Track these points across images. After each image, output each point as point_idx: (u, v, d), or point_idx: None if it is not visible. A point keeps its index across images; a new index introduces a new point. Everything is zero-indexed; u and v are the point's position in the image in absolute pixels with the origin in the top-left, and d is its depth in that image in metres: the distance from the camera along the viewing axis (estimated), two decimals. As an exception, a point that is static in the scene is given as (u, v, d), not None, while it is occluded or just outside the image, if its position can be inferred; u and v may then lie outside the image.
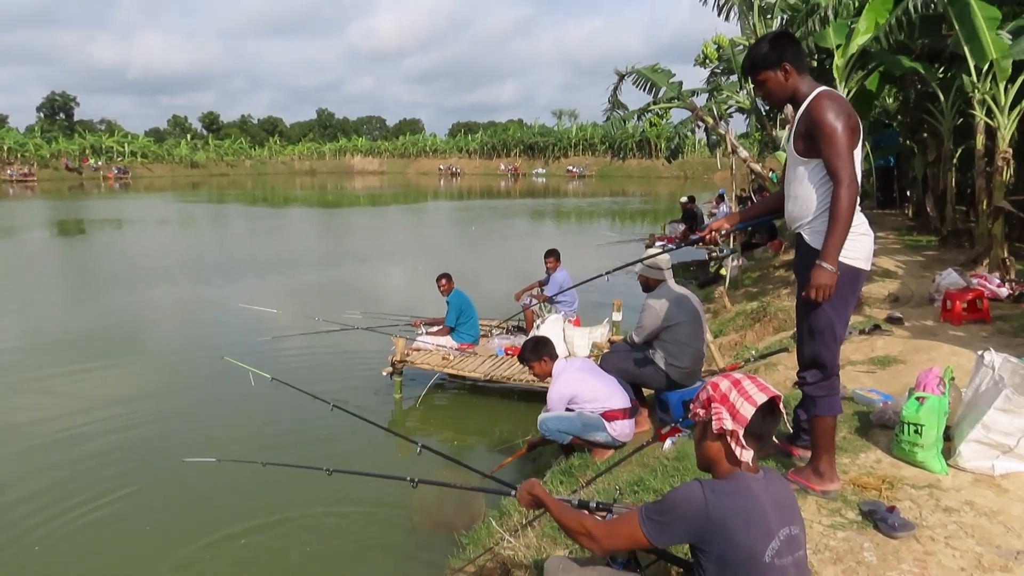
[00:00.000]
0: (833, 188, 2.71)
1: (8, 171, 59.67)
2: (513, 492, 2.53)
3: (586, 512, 2.38)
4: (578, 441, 4.69)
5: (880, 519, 2.71)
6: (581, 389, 4.66)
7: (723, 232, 3.50)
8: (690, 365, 4.92)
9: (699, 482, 1.93)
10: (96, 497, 5.36)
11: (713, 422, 1.97)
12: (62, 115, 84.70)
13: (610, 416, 4.62)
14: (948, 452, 3.20)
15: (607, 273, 4.78)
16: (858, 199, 2.86)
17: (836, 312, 2.87)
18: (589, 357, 6.94)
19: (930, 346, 5.00)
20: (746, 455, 1.94)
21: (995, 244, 7.19)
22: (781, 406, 1.98)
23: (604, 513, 2.44)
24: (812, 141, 2.77)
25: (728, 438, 1.95)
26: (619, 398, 4.71)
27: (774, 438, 3.74)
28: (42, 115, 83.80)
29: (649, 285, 5.09)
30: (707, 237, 3.50)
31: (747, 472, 1.94)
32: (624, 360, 5.02)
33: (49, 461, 6.04)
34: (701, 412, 2.04)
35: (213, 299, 12.77)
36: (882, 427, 3.62)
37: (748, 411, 1.92)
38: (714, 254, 12.38)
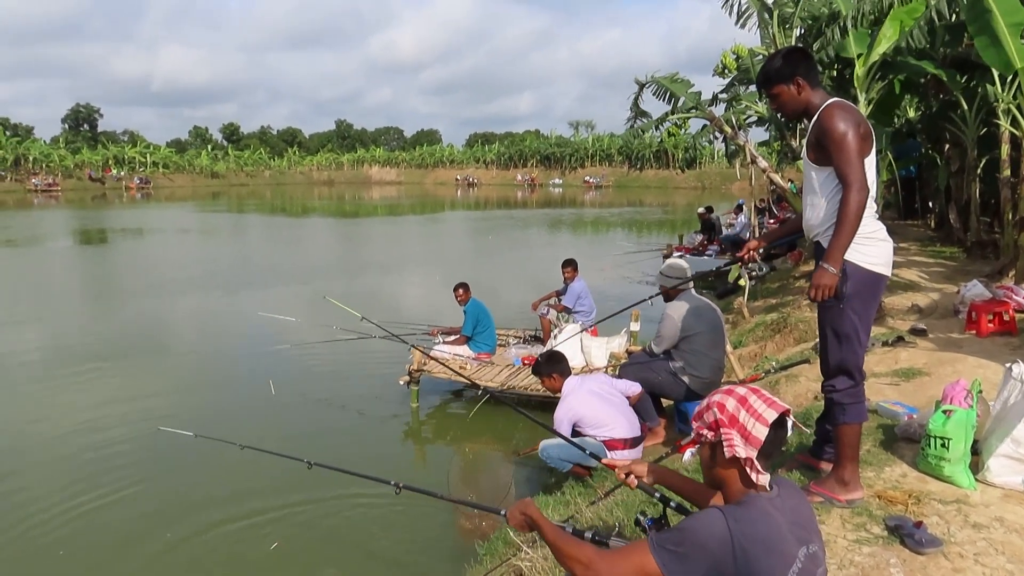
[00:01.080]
0: (842, 192, 2.76)
1: (33, 181, 60.74)
2: (503, 512, 2.33)
3: (584, 540, 2.21)
4: (579, 469, 4.64)
5: (907, 535, 2.65)
6: (587, 412, 4.58)
7: (760, 251, 3.56)
8: (709, 375, 4.88)
9: (720, 510, 1.78)
10: (104, 492, 5.53)
11: (725, 449, 1.84)
12: (86, 126, 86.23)
13: (611, 445, 4.54)
14: (976, 467, 3.13)
15: (651, 298, 4.82)
16: (878, 208, 2.87)
17: (859, 316, 2.88)
18: (607, 368, 6.91)
19: (955, 358, 4.91)
20: (763, 479, 1.82)
21: (1021, 255, 7.06)
22: (791, 418, 1.87)
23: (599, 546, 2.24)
24: (823, 149, 2.83)
25: (742, 463, 1.83)
26: (624, 427, 4.60)
27: (797, 452, 3.69)
28: (67, 126, 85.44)
29: (669, 295, 5.07)
30: (745, 257, 3.53)
31: (761, 492, 1.83)
32: (642, 370, 4.99)
33: (63, 456, 6.26)
34: (709, 434, 1.90)
35: (233, 307, 12.87)
36: (907, 440, 3.55)
37: (761, 432, 1.80)
38: (753, 273, 12.17)
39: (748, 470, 1.82)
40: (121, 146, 77.31)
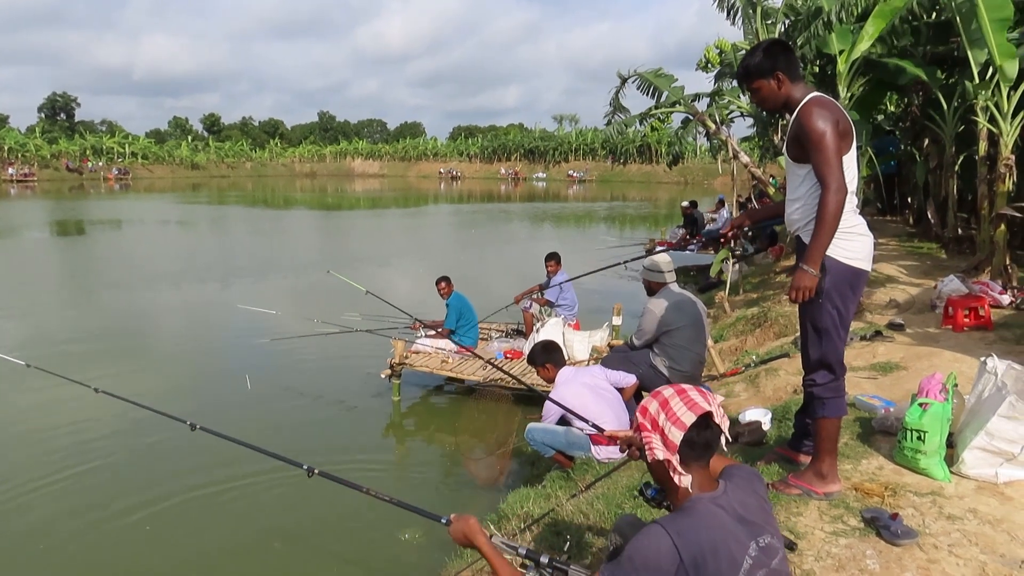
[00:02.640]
0: (820, 192, 2.75)
1: (9, 171, 59.67)
2: (444, 520, 2.22)
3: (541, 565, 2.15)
4: (560, 458, 4.63)
5: (883, 526, 2.68)
6: (577, 404, 4.53)
7: (745, 228, 3.56)
8: (690, 369, 4.89)
9: (660, 526, 1.76)
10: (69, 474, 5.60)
11: (646, 452, 1.87)
12: (63, 115, 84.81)
13: (596, 440, 4.52)
14: (951, 459, 3.17)
15: (624, 262, 4.82)
16: (857, 203, 2.88)
17: (838, 311, 2.89)
18: (589, 361, 6.92)
19: (932, 352, 4.98)
20: (685, 480, 1.83)
21: (997, 251, 7.17)
22: (716, 419, 1.86)
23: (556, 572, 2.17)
24: (802, 147, 2.82)
25: (665, 465, 1.85)
26: (612, 424, 4.54)
27: (776, 445, 3.72)
28: (43, 115, 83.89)
29: (652, 289, 5.08)
30: (729, 233, 3.53)
31: (705, 492, 1.83)
32: (624, 363, 5.00)
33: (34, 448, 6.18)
34: (638, 438, 1.93)
35: (212, 300, 12.74)
36: (884, 433, 3.59)
37: (676, 436, 1.83)
38: (738, 252, 12.13)
39: (671, 472, 1.85)
40: (99, 136, 76.10)
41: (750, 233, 12.82)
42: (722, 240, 3.65)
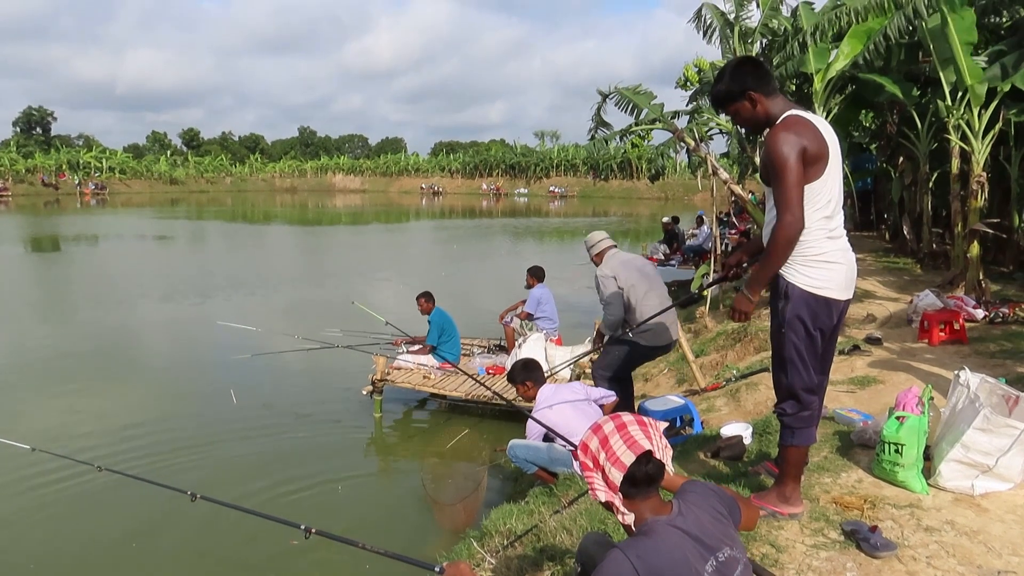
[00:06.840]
0: (776, 219, 2.66)
1: (-17, 186, 58.80)
2: (437, 569, 2.22)
3: None
4: (542, 474, 4.63)
5: (862, 539, 2.70)
6: (559, 422, 4.55)
7: (744, 265, 3.50)
8: (654, 324, 4.87)
9: (620, 551, 1.76)
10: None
11: (589, 493, 1.87)
12: (39, 130, 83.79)
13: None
14: (928, 472, 3.21)
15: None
16: (837, 225, 2.77)
17: (802, 341, 2.79)
18: (571, 376, 6.93)
19: (908, 366, 5.06)
20: (628, 519, 1.83)
21: (971, 266, 7.31)
22: (657, 453, 1.85)
23: None
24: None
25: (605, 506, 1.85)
26: None
27: (756, 459, 3.74)
28: (18, 129, 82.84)
29: (599, 260, 5.17)
30: (729, 275, 3.52)
31: (661, 516, 1.83)
32: (601, 359, 5.06)
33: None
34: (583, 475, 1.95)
35: (191, 317, 12.59)
36: (863, 447, 3.64)
37: (617, 477, 1.81)
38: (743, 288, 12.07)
39: (615, 512, 1.85)
40: (76, 151, 75.22)
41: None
42: (728, 278, 3.58)
